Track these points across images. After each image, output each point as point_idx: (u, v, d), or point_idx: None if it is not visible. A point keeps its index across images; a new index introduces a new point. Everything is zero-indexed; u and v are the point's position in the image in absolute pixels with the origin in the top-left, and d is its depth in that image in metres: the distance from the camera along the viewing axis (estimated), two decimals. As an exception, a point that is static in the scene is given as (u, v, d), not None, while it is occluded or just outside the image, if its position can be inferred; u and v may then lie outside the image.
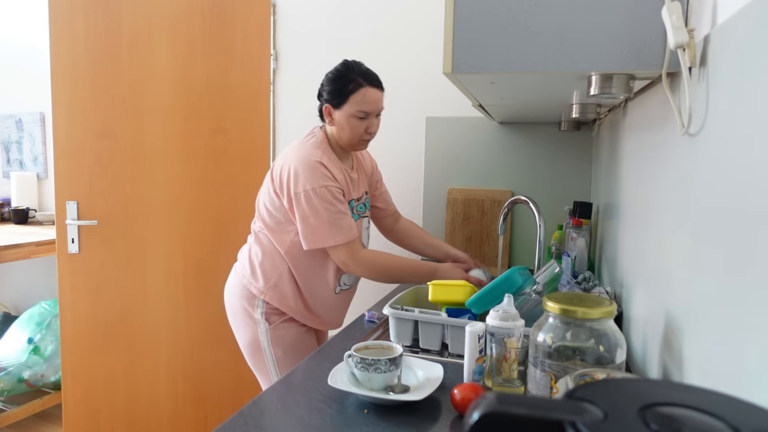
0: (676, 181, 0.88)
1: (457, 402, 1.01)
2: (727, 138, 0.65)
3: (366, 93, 1.52)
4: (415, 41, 2.37)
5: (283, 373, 1.64)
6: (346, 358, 1.11)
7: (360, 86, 1.52)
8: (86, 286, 2.15)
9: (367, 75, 1.54)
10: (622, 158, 1.45)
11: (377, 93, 1.54)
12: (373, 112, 1.54)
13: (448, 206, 2.33)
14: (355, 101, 1.52)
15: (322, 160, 1.53)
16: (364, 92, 1.52)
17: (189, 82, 2.17)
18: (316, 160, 1.52)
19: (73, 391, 2.18)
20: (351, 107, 1.52)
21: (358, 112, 1.52)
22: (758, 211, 0.55)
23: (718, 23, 0.72)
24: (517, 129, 2.26)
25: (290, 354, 1.64)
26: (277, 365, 1.64)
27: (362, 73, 1.53)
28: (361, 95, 1.52)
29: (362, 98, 1.52)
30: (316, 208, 1.50)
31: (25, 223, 3.25)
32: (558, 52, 0.91)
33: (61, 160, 2.08)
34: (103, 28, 2.07)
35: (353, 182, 1.65)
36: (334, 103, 1.55)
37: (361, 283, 2.53)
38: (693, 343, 0.75)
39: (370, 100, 1.53)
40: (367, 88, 1.52)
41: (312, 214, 1.50)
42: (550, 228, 2.20)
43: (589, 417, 0.34)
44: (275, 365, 1.63)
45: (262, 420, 0.99)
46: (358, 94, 1.51)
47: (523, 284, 1.38)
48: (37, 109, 3.31)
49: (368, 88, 1.52)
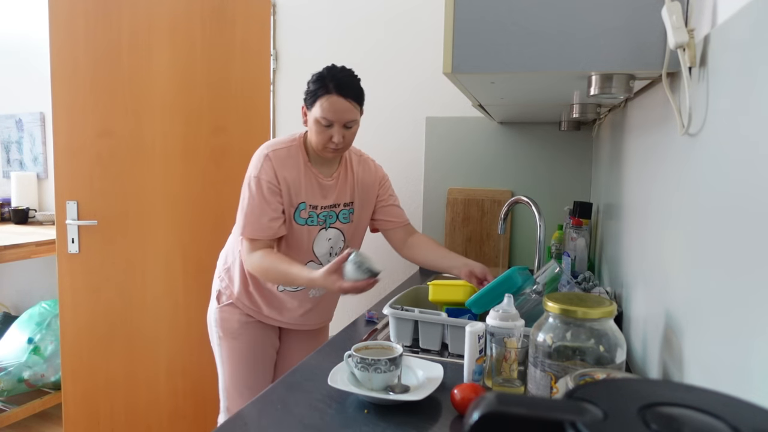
0: (676, 181, 0.88)
1: (457, 402, 1.01)
2: (727, 138, 0.65)
3: (331, 100, 1.47)
4: (415, 41, 2.37)
5: (224, 356, 1.69)
6: (346, 358, 1.11)
7: (327, 92, 1.47)
8: (86, 286, 2.15)
9: (340, 83, 1.48)
10: (622, 158, 1.45)
11: (344, 103, 1.48)
12: (337, 122, 1.49)
13: (448, 206, 2.33)
14: (320, 106, 1.48)
15: (271, 154, 1.54)
16: (329, 99, 1.47)
17: (189, 82, 2.17)
18: (266, 152, 1.55)
19: (73, 391, 2.18)
20: (316, 111, 1.49)
21: (321, 119, 1.48)
22: (758, 210, 0.55)
23: (718, 23, 0.72)
24: (517, 129, 2.26)
25: (231, 340, 1.67)
26: (220, 346, 1.69)
27: (336, 80, 1.48)
28: (324, 101, 1.47)
29: (325, 104, 1.47)
30: (243, 194, 1.56)
31: (25, 223, 3.25)
32: (558, 52, 0.91)
33: (61, 160, 2.08)
34: (103, 28, 2.07)
35: (324, 189, 1.61)
36: (307, 104, 1.54)
37: (361, 283, 2.53)
38: (693, 343, 0.75)
39: (334, 108, 1.47)
40: (334, 96, 1.47)
41: (241, 199, 1.56)
42: (550, 228, 2.20)
43: (589, 417, 0.34)
44: (219, 346, 1.70)
45: (262, 420, 0.99)
46: (323, 99, 1.47)
47: (523, 284, 1.38)
48: (37, 109, 3.31)
49: (335, 96, 1.47)
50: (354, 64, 2.45)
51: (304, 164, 1.58)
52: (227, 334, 1.67)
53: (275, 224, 1.54)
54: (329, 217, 1.64)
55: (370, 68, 2.45)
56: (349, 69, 1.54)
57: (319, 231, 1.62)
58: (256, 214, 1.53)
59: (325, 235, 1.64)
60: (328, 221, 1.64)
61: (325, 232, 1.64)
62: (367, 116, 2.47)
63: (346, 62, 2.46)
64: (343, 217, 1.66)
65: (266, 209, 1.53)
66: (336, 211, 1.65)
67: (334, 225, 1.65)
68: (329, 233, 1.65)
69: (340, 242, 1.68)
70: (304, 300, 1.68)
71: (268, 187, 1.53)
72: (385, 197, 1.76)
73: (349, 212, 1.68)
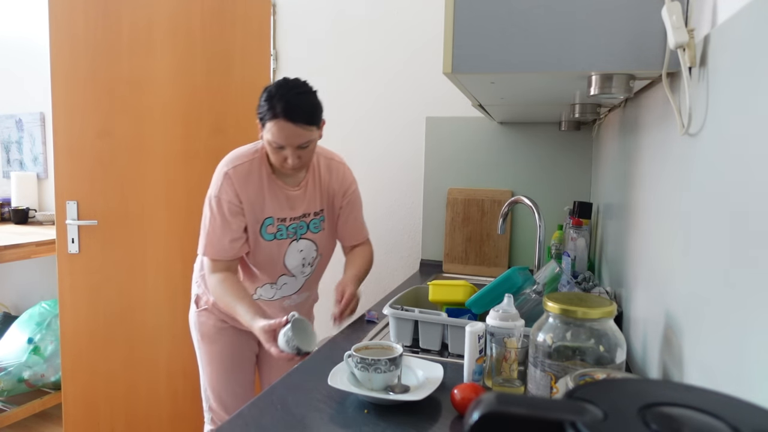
0: (676, 181, 0.88)
1: (457, 402, 1.01)
2: (727, 138, 0.65)
3: (279, 125, 1.37)
4: (415, 41, 2.37)
5: (203, 359, 1.69)
6: (346, 358, 1.11)
7: (275, 117, 1.36)
8: (86, 286, 2.15)
9: (288, 107, 1.36)
10: (622, 158, 1.45)
11: (293, 128, 1.37)
12: (288, 146, 1.40)
13: (448, 206, 2.33)
14: (269, 130, 1.39)
15: (231, 171, 1.48)
16: (277, 124, 1.37)
17: (189, 82, 2.17)
18: (226, 169, 1.49)
19: (73, 391, 2.18)
20: (266, 134, 1.41)
21: (272, 142, 1.40)
22: (758, 210, 0.55)
23: (718, 23, 0.72)
24: (517, 129, 2.26)
25: (209, 344, 1.66)
26: (199, 349, 1.69)
27: (284, 102, 1.36)
28: (273, 125, 1.37)
29: (274, 129, 1.38)
30: (204, 213, 1.51)
31: (25, 223, 3.25)
32: (558, 52, 0.92)
33: (61, 160, 2.08)
34: (103, 28, 2.07)
35: (291, 200, 1.54)
36: (259, 123, 1.44)
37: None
38: (693, 343, 0.75)
39: (283, 134, 1.37)
40: (281, 122, 1.36)
41: (204, 216, 1.52)
42: (550, 228, 2.20)
43: (589, 417, 0.34)
44: (198, 349, 1.70)
45: (262, 420, 0.99)
46: (271, 123, 1.38)
47: (523, 284, 1.38)
48: (37, 109, 3.31)
49: (282, 121, 1.36)
50: (354, 64, 2.47)
51: (268, 177, 1.51)
52: (205, 337, 1.66)
53: (236, 245, 1.49)
54: (300, 228, 1.58)
55: (370, 68, 2.45)
56: (301, 84, 1.41)
57: (290, 243, 1.57)
58: (217, 235, 1.48)
59: (297, 247, 1.59)
60: (299, 232, 1.58)
61: (296, 243, 1.58)
62: (368, 116, 2.48)
63: (346, 62, 2.47)
64: (314, 227, 1.61)
65: (227, 230, 1.48)
66: (306, 221, 1.59)
67: (305, 236, 1.60)
68: (300, 245, 1.59)
69: (313, 252, 1.63)
70: (278, 310, 1.66)
71: (229, 207, 1.47)
72: (346, 211, 1.66)
73: (320, 220, 1.62)
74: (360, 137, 2.49)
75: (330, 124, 2.53)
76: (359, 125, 2.49)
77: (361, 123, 2.49)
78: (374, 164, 2.47)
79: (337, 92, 2.51)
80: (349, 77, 2.48)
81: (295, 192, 1.55)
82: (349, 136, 2.50)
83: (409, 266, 2.46)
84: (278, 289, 1.62)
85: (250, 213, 1.50)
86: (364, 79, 2.47)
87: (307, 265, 1.64)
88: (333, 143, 2.53)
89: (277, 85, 1.40)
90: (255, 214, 1.51)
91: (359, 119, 2.49)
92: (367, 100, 2.47)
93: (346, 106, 2.50)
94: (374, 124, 2.47)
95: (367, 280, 2.53)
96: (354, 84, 2.48)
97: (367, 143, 2.48)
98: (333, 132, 2.53)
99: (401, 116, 2.43)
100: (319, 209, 1.62)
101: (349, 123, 2.50)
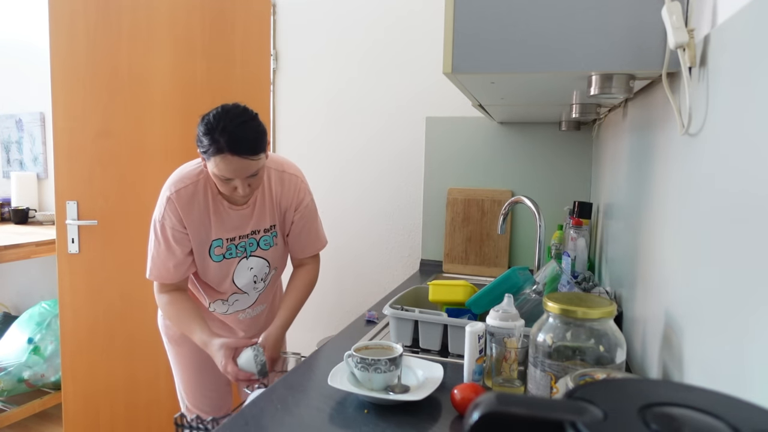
0: (676, 181, 0.88)
1: (457, 402, 1.01)
2: (727, 138, 0.65)
3: (225, 159, 1.28)
4: (415, 41, 2.37)
5: (173, 360, 1.68)
6: (346, 358, 1.11)
7: (220, 151, 1.28)
8: (86, 286, 2.15)
9: (233, 140, 1.27)
10: (622, 158, 1.45)
11: (240, 161, 1.29)
12: (237, 177, 1.32)
13: (448, 206, 2.33)
14: (215, 164, 1.30)
15: (174, 196, 1.41)
16: (223, 158, 1.28)
17: (189, 82, 2.17)
18: (168, 194, 1.42)
19: (73, 391, 2.18)
20: (212, 167, 1.32)
21: (219, 176, 1.32)
22: (758, 210, 0.55)
23: (718, 23, 0.72)
24: (517, 129, 2.26)
25: (175, 346, 1.66)
26: (168, 351, 1.69)
27: (227, 135, 1.27)
28: (219, 160, 1.29)
29: (220, 163, 1.29)
30: (151, 235, 1.48)
31: (25, 223, 3.25)
32: (558, 52, 0.91)
33: (61, 160, 2.08)
34: (103, 28, 2.07)
35: (240, 218, 1.48)
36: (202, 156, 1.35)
37: (361, 282, 2.54)
38: (693, 343, 0.75)
39: (230, 167, 1.29)
40: (227, 155, 1.28)
41: (149, 239, 1.49)
42: (550, 228, 2.20)
43: (589, 417, 0.34)
44: (168, 351, 1.70)
45: (262, 420, 0.99)
46: (217, 158, 1.29)
47: (523, 284, 1.38)
48: (37, 109, 3.31)
49: (228, 155, 1.28)
50: (354, 64, 2.46)
51: (213, 199, 1.44)
52: (172, 340, 1.66)
53: (180, 270, 1.47)
54: (249, 245, 1.52)
55: (370, 68, 2.45)
56: (241, 111, 1.32)
57: (239, 262, 1.52)
58: (161, 259, 1.45)
59: (246, 265, 1.54)
60: (249, 249, 1.52)
61: (245, 261, 1.53)
62: (368, 116, 2.48)
63: (346, 62, 2.47)
64: (264, 244, 1.54)
65: (170, 256, 1.44)
66: (256, 238, 1.52)
67: (255, 253, 1.54)
68: (251, 262, 1.54)
69: (265, 268, 1.58)
70: (235, 321, 1.66)
71: (173, 233, 1.43)
72: (299, 225, 1.58)
73: (272, 236, 1.55)
74: (360, 137, 2.49)
75: (330, 124, 2.53)
76: (359, 125, 2.49)
77: (360, 123, 2.49)
78: (374, 164, 2.47)
79: (337, 92, 2.51)
80: (349, 77, 2.48)
81: (243, 210, 1.48)
82: (349, 136, 2.51)
83: (409, 266, 2.47)
84: (230, 305, 1.61)
85: (196, 237, 1.45)
86: (364, 79, 2.47)
87: (260, 281, 1.59)
88: (332, 143, 2.53)
89: (216, 117, 1.30)
90: (201, 237, 1.45)
91: (359, 119, 2.48)
92: (367, 99, 2.47)
93: (346, 106, 2.50)
94: (374, 124, 2.47)
95: (368, 280, 2.54)
96: (354, 84, 2.48)
97: (367, 143, 2.48)
98: (332, 132, 2.53)
99: (401, 116, 2.43)
100: (270, 225, 1.54)
101: (349, 123, 2.50)
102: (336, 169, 2.54)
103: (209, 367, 1.64)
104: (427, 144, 2.38)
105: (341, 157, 2.53)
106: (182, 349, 1.65)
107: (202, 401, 1.67)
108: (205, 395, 1.67)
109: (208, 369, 1.65)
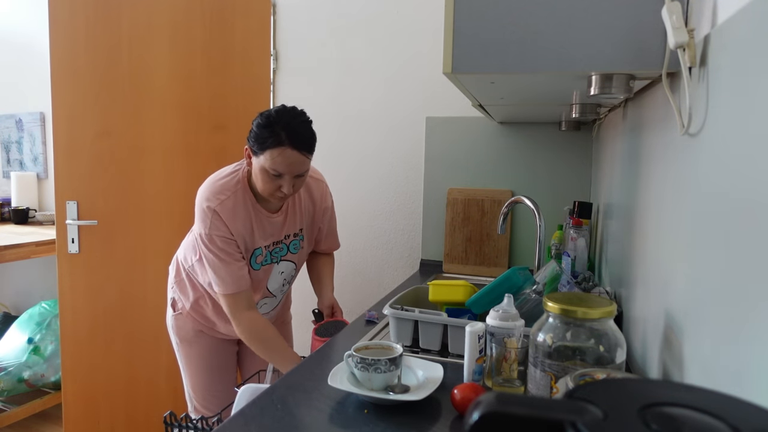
0: (676, 181, 0.88)
1: (457, 402, 1.01)
2: (728, 138, 0.65)
3: (283, 153, 1.34)
4: (415, 41, 2.37)
5: (183, 361, 1.69)
6: (346, 358, 1.11)
7: (279, 144, 1.33)
8: (86, 286, 2.15)
9: (294, 134, 1.34)
10: (623, 158, 1.45)
11: (298, 156, 1.35)
12: (288, 174, 1.37)
13: (448, 206, 2.33)
14: (270, 157, 1.34)
15: (218, 208, 1.42)
16: (281, 152, 1.34)
17: (189, 82, 2.17)
18: (212, 206, 1.43)
19: (73, 391, 2.18)
20: (265, 161, 1.35)
21: (271, 170, 1.36)
22: (758, 210, 0.55)
23: (718, 23, 0.72)
24: (517, 129, 2.26)
25: (187, 346, 1.66)
26: (178, 351, 1.70)
27: (289, 129, 1.34)
28: (276, 153, 1.34)
29: (277, 157, 1.34)
30: (204, 252, 1.45)
31: (25, 223, 3.25)
32: (558, 52, 0.91)
33: (61, 160, 2.08)
34: (103, 28, 2.07)
35: (273, 226, 1.52)
36: (253, 149, 1.39)
37: (361, 282, 2.54)
38: (693, 343, 0.75)
39: (287, 161, 1.34)
40: (286, 149, 1.34)
41: (203, 255, 1.47)
42: (550, 228, 2.20)
43: (589, 417, 0.34)
44: (178, 351, 1.70)
45: (263, 420, 0.99)
46: (275, 151, 1.34)
47: (523, 284, 1.38)
48: (37, 109, 3.31)
49: (288, 148, 1.34)
50: (354, 64, 2.46)
51: (253, 207, 1.48)
52: (183, 341, 1.67)
53: (246, 271, 1.48)
54: (281, 250, 1.57)
55: (370, 68, 2.45)
56: (301, 112, 1.40)
57: (273, 267, 1.58)
58: (230, 269, 1.44)
59: (278, 269, 1.59)
60: (279, 254, 1.57)
61: (277, 266, 1.58)
62: (368, 116, 2.48)
63: (346, 62, 2.47)
64: (293, 248, 1.60)
65: (234, 261, 1.45)
66: (287, 242, 1.57)
67: (285, 257, 1.59)
68: (281, 266, 1.59)
69: (293, 271, 1.64)
70: None
71: (224, 241, 1.43)
72: (327, 227, 1.69)
73: (299, 240, 1.61)
74: (360, 137, 2.49)
75: (330, 124, 2.53)
76: (359, 125, 2.49)
77: (360, 123, 2.49)
78: (374, 164, 2.47)
79: (337, 92, 2.51)
80: (349, 77, 2.48)
81: (277, 218, 1.53)
82: (349, 136, 2.50)
83: (409, 266, 2.47)
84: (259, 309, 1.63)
85: (242, 245, 1.48)
86: (364, 79, 2.47)
87: (286, 284, 1.66)
88: (332, 143, 2.53)
89: (277, 112, 1.36)
90: (246, 245, 1.48)
91: (359, 119, 2.48)
92: (367, 99, 2.47)
93: (346, 106, 2.50)
94: (374, 124, 2.47)
95: (368, 280, 2.54)
96: (354, 84, 2.48)
97: (367, 143, 2.48)
98: (332, 132, 2.53)
99: (401, 116, 2.43)
100: (299, 229, 1.60)
101: (349, 123, 2.50)
102: (336, 168, 2.54)
103: (220, 366, 1.67)
104: (427, 144, 2.38)
105: (341, 157, 2.53)
106: (194, 350, 1.66)
107: (212, 401, 1.68)
108: (215, 395, 1.68)
109: (219, 369, 1.68)
